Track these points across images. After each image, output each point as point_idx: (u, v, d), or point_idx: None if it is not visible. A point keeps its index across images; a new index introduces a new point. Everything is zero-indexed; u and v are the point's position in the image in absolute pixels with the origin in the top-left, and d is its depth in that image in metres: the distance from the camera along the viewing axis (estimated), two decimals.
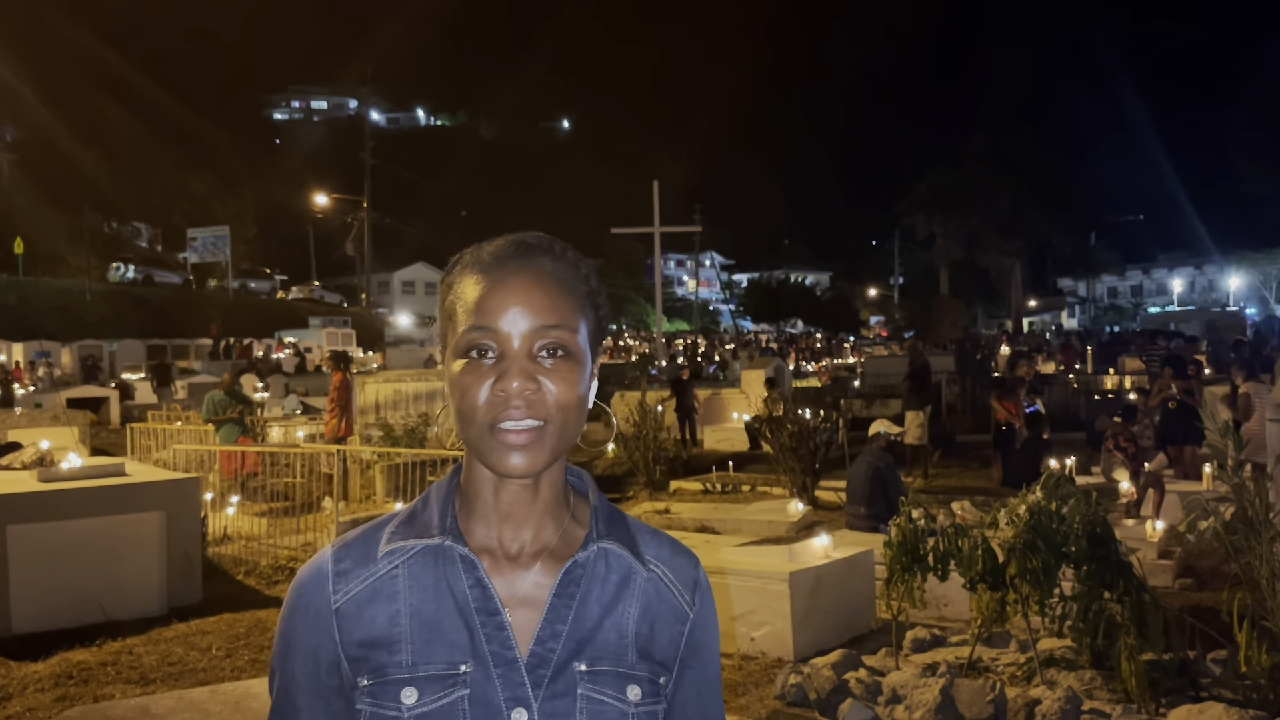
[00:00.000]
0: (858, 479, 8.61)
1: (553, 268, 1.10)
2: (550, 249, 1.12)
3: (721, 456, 14.34)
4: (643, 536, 1.17)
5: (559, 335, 1.06)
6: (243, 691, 4.48)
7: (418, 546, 1.09)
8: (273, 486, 10.81)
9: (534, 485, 1.10)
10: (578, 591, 1.09)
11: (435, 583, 1.07)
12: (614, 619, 1.10)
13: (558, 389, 1.05)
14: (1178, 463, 10.94)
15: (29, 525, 6.62)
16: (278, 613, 1.12)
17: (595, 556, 1.12)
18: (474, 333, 1.06)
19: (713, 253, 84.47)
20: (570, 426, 1.07)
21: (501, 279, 1.08)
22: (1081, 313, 72.10)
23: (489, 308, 1.06)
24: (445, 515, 1.11)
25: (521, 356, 1.05)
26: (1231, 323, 34.77)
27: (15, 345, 31.22)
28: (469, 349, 1.06)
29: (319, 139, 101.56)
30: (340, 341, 37.76)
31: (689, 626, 1.15)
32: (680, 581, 1.16)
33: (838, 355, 41.21)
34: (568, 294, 1.09)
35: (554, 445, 1.06)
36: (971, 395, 18.35)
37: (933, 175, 53.97)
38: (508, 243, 1.12)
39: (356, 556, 1.10)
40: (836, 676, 5.08)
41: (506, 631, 1.05)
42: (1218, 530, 4.91)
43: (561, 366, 1.06)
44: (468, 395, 1.05)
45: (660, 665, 1.12)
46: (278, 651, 1.12)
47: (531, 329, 1.05)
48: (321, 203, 61.25)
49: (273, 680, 1.12)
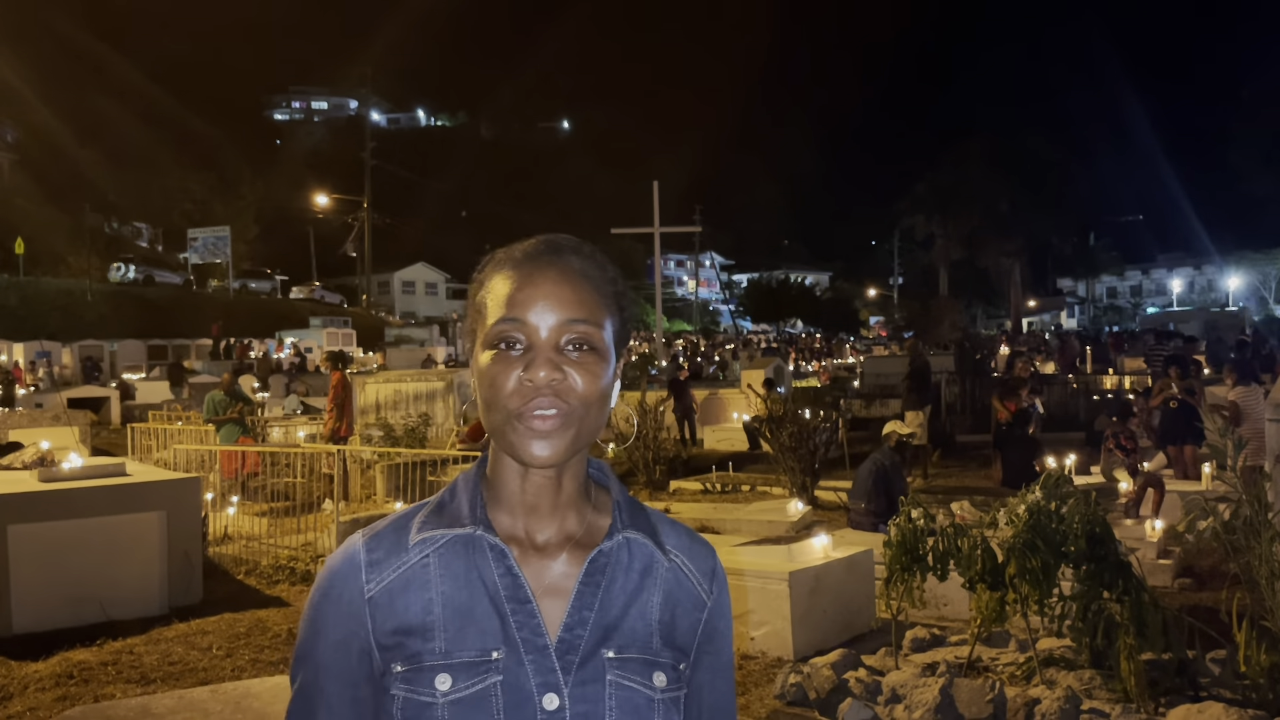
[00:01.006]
0: (863, 476, 8.75)
1: (580, 266, 1.13)
2: (579, 249, 1.15)
3: (721, 456, 14.35)
4: (663, 527, 1.21)
5: (585, 330, 1.09)
6: (243, 691, 4.49)
7: (448, 536, 1.12)
8: (273, 486, 10.81)
9: (557, 477, 1.13)
10: (603, 580, 1.12)
11: (466, 571, 1.10)
12: (639, 607, 1.13)
13: (583, 381, 1.08)
14: (1178, 463, 10.94)
15: (30, 525, 6.63)
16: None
17: (619, 546, 1.15)
18: (503, 324, 1.09)
19: (712, 253, 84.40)
20: (592, 420, 1.10)
21: (531, 275, 1.11)
22: (1081, 313, 72.12)
23: (518, 301, 1.09)
24: (475, 505, 1.13)
25: (548, 348, 1.08)
26: (1231, 322, 34.77)
27: (16, 345, 31.22)
28: (498, 340, 1.09)
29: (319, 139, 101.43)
30: (340, 342, 37.78)
31: (706, 614, 1.19)
32: (699, 570, 1.20)
33: (837, 355, 41.20)
34: (594, 292, 1.13)
35: (576, 435, 1.09)
36: (971, 395, 18.36)
37: (932, 175, 53.94)
38: (538, 241, 1.15)
39: (389, 546, 1.12)
40: (836, 676, 5.08)
41: (537, 619, 1.08)
42: (1217, 530, 4.91)
43: (587, 360, 1.09)
44: (496, 384, 1.08)
45: (681, 652, 1.15)
46: (305, 638, 1.13)
47: (559, 322, 1.09)
48: (322, 203, 61.31)
49: (298, 667, 1.14)
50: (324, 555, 8.16)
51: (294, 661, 1.15)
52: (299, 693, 1.13)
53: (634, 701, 1.08)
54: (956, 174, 52.10)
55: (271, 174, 71.07)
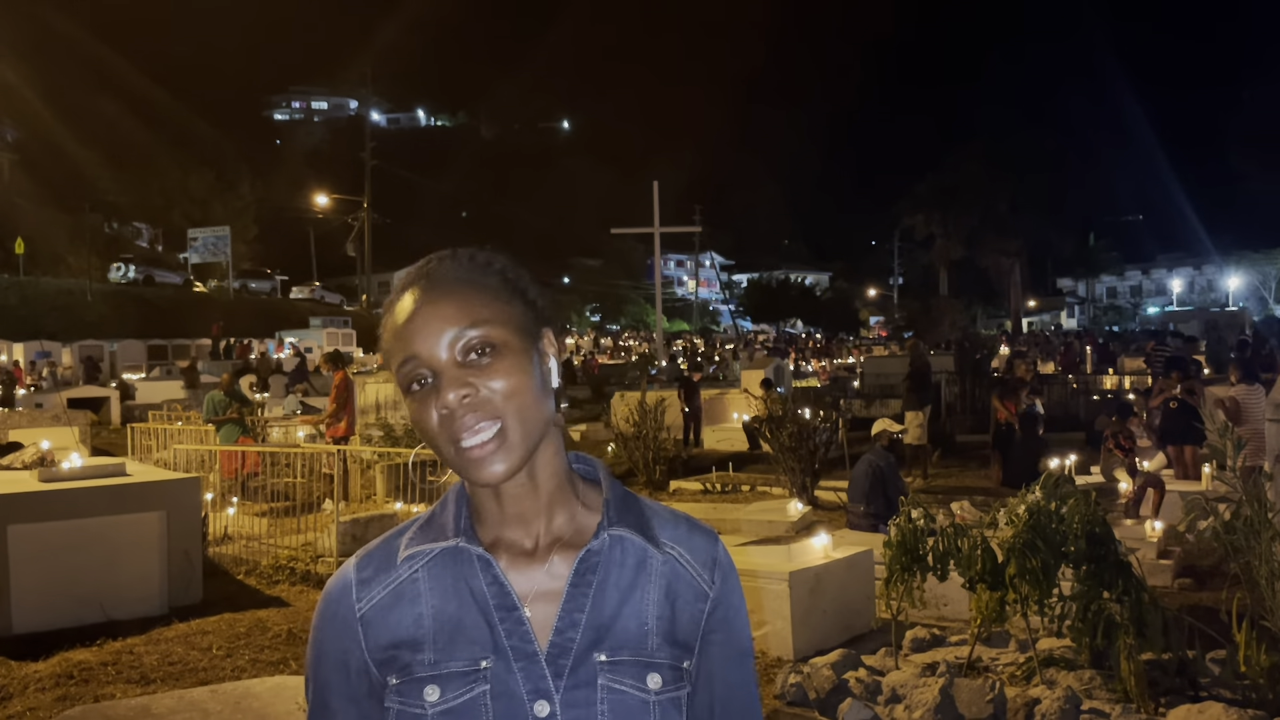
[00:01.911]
0: (859, 478, 8.67)
1: (455, 273, 1.10)
2: (452, 255, 1.13)
3: (721, 456, 14.35)
4: (657, 519, 1.17)
5: (479, 333, 1.06)
6: (243, 691, 4.49)
7: (435, 550, 1.12)
8: (273, 486, 10.81)
9: (529, 480, 1.11)
10: (594, 579, 1.10)
11: (455, 583, 1.10)
12: (633, 605, 1.11)
13: (497, 385, 1.05)
14: (1178, 463, 10.93)
15: (30, 525, 6.63)
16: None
17: (609, 544, 1.12)
18: (404, 368, 1.08)
19: (713, 253, 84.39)
20: (530, 414, 1.07)
21: (408, 306, 1.09)
22: (1081, 313, 72.16)
23: (406, 335, 1.07)
24: (460, 517, 1.13)
25: (450, 368, 1.06)
26: (1231, 322, 34.75)
27: (16, 345, 31.24)
28: (408, 384, 1.08)
29: (319, 139, 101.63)
30: (340, 342, 37.76)
31: (710, 604, 1.15)
32: (698, 561, 1.16)
33: (837, 355, 41.21)
34: (478, 292, 1.09)
35: (520, 440, 1.06)
36: (971, 395, 18.37)
37: (932, 175, 54.01)
38: (410, 271, 1.13)
39: (378, 564, 1.14)
40: (836, 676, 5.08)
41: (525, 626, 1.07)
42: (1217, 530, 4.91)
43: (494, 361, 1.06)
44: (423, 426, 1.07)
45: (683, 648, 1.12)
46: (310, 659, 1.16)
47: (449, 339, 1.06)
48: (322, 203, 61.25)
49: (307, 686, 1.17)
50: (324, 555, 8.16)
51: (305, 680, 1.18)
52: (310, 710, 1.17)
53: (627, 705, 1.06)
54: (956, 174, 52.16)
55: (271, 174, 71.18)
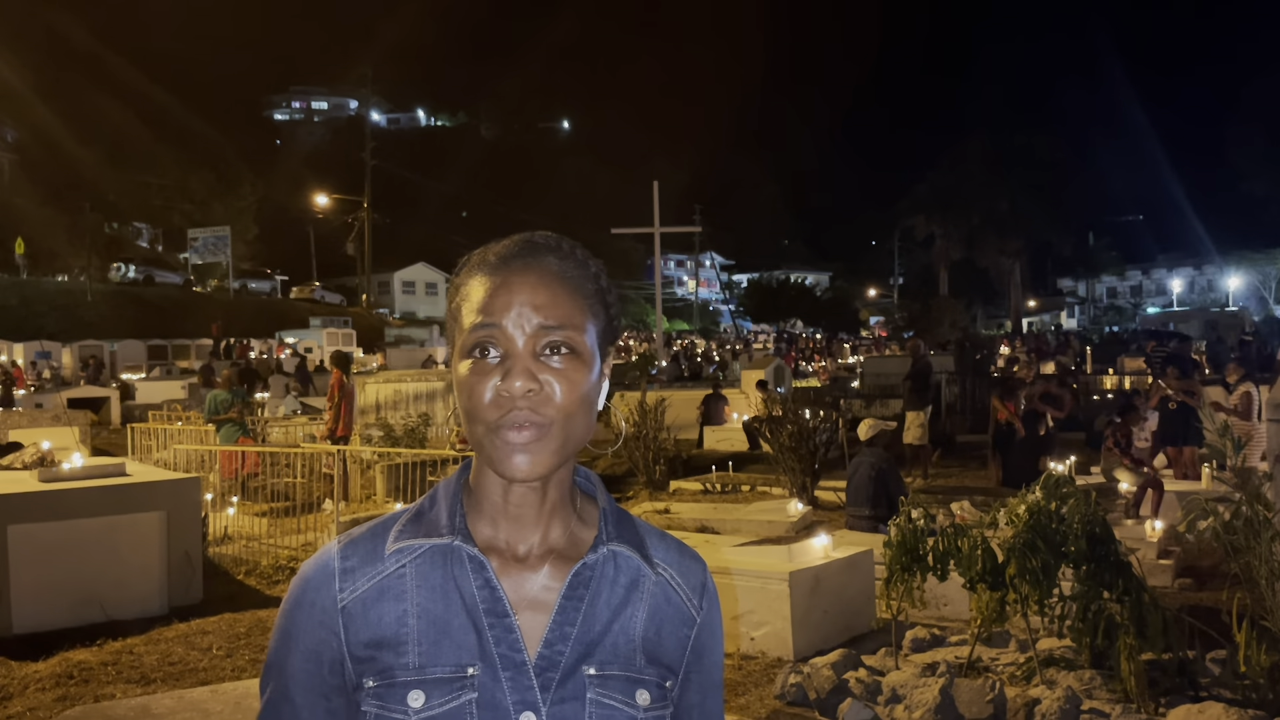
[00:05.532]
0: (859, 480, 8.58)
1: (559, 266, 1.08)
2: (557, 247, 1.10)
3: (721, 456, 14.34)
4: (651, 539, 1.16)
5: (564, 335, 1.04)
6: (243, 691, 4.49)
7: (425, 546, 1.07)
8: (273, 486, 10.81)
9: (541, 487, 1.08)
10: (586, 594, 1.08)
11: (443, 583, 1.06)
12: (622, 622, 1.09)
13: (561, 390, 1.03)
14: (1177, 463, 10.94)
15: (30, 525, 6.62)
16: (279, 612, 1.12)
17: (604, 559, 1.10)
18: (479, 331, 1.04)
19: (713, 253, 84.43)
20: (576, 429, 1.05)
21: (506, 278, 1.06)
22: (1081, 313, 72.17)
23: (494, 307, 1.04)
24: (454, 514, 1.09)
25: (525, 356, 1.03)
26: (1231, 322, 34.77)
27: (16, 345, 31.24)
28: (474, 348, 1.04)
29: (319, 139, 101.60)
30: (340, 342, 37.74)
31: (695, 631, 1.14)
32: (688, 585, 1.15)
33: (837, 355, 41.21)
34: (574, 292, 1.07)
35: (558, 448, 1.04)
36: (971, 395, 18.38)
37: (932, 176, 54.11)
38: (514, 242, 1.10)
39: (364, 554, 1.08)
40: (836, 676, 5.08)
41: (515, 634, 1.04)
42: (1217, 530, 4.91)
43: (567, 367, 1.04)
44: (473, 395, 1.03)
45: (667, 669, 1.11)
46: (275, 647, 1.09)
47: (536, 328, 1.04)
48: (322, 203, 61.26)
49: (268, 675, 1.10)
50: None
51: (264, 671, 1.11)
52: (268, 704, 1.09)
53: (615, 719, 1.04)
54: (956, 174, 52.24)
55: (271, 174, 71.10)
